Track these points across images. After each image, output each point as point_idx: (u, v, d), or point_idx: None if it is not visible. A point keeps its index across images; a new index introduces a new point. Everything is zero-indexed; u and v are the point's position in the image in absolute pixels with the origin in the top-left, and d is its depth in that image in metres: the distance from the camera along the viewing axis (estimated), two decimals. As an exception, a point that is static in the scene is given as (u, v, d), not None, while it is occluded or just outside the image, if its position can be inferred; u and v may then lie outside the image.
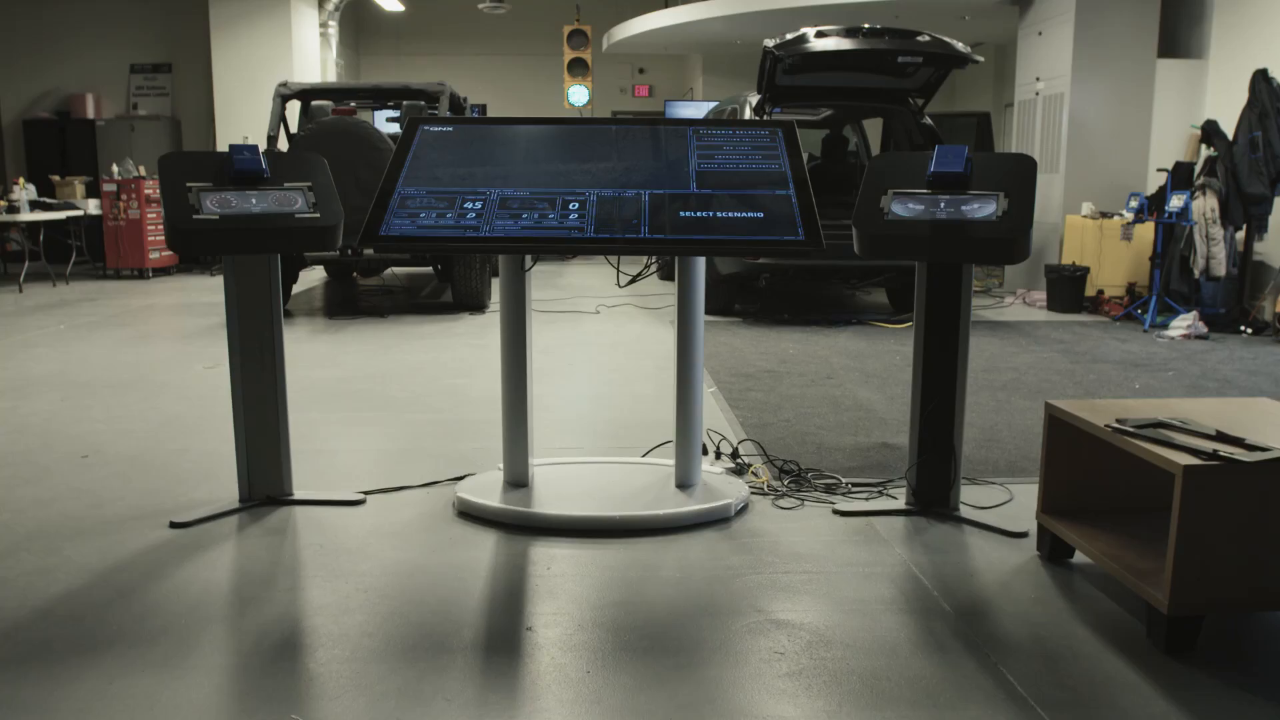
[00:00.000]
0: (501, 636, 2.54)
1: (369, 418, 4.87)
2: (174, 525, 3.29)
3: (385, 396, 5.29)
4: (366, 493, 3.63)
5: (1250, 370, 6.17)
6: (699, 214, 3.23)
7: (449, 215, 3.23)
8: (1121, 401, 2.98)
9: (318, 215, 3.27)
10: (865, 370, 5.94)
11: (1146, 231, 8.41)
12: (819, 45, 6.96)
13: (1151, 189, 9.07)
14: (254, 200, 3.23)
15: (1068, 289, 8.71)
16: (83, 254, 11.44)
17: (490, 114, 16.04)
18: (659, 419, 4.70)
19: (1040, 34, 9.82)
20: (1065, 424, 2.95)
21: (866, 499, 3.61)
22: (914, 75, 7.64)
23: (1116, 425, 2.66)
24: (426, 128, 3.66)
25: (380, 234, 3.17)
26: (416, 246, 3.16)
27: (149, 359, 6.30)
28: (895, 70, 7.43)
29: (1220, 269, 7.78)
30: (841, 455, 4.14)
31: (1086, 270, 8.71)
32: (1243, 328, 7.63)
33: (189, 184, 3.20)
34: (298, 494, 3.56)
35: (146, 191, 11.13)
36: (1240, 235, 7.95)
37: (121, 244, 11.16)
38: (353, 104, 9.33)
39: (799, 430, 4.55)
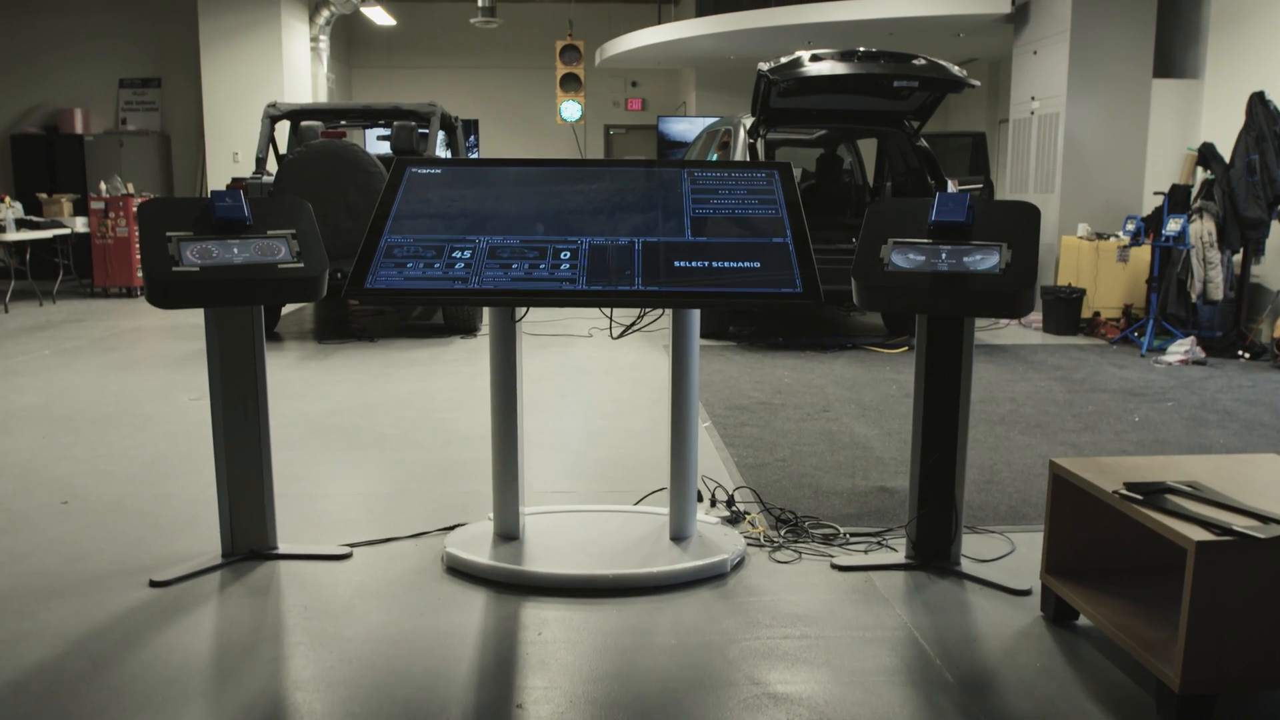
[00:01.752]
0: (491, 714, 2.45)
1: (356, 457, 4.78)
2: (154, 584, 3.19)
3: (373, 432, 5.19)
4: (353, 545, 3.54)
5: (1249, 400, 6.11)
6: (694, 264, 3.15)
7: (437, 265, 3.14)
8: (1128, 460, 2.90)
9: (301, 265, 3.18)
10: (861, 402, 5.86)
11: (1143, 253, 8.36)
12: (814, 70, 6.89)
13: (1147, 210, 9.02)
14: (236, 250, 3.14)
15: (1064, 311, 8.65)
16: (70, 272, 11.32)
17: (482, 129, 15.96)
18: (653, 458, 4.62)
19: (1035, 53, 9.77)
20: (1071, 485, 2.87)
21: (865, 551, 3.52)
22: (909, 98, 7.57)
23: (1125, 493, 2.58)
24: (414, 170, 3.58)
25: (366, 286, 3.08)
26: (403, 299, 3.07)
27: (134, 389, 6.20)
28: (890, 93, 7.37)
29: (1218, 293, 7.72)
30: (839, 501, 4.06)
31: (1083, 292, 8.65)
32: (1240, 352, 7.57)
33: (169, 233, 3.10)
34: (282, 547, 3.46)
35: (135, 209, 11.02)
36: (1237, 258, 7.90)
37: (109, 262, 11.05)
38: (342, 123, 9.26)
39: (795, 471, 4.47)
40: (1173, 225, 7.62)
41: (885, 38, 11.43)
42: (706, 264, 3.15)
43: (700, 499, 3.85)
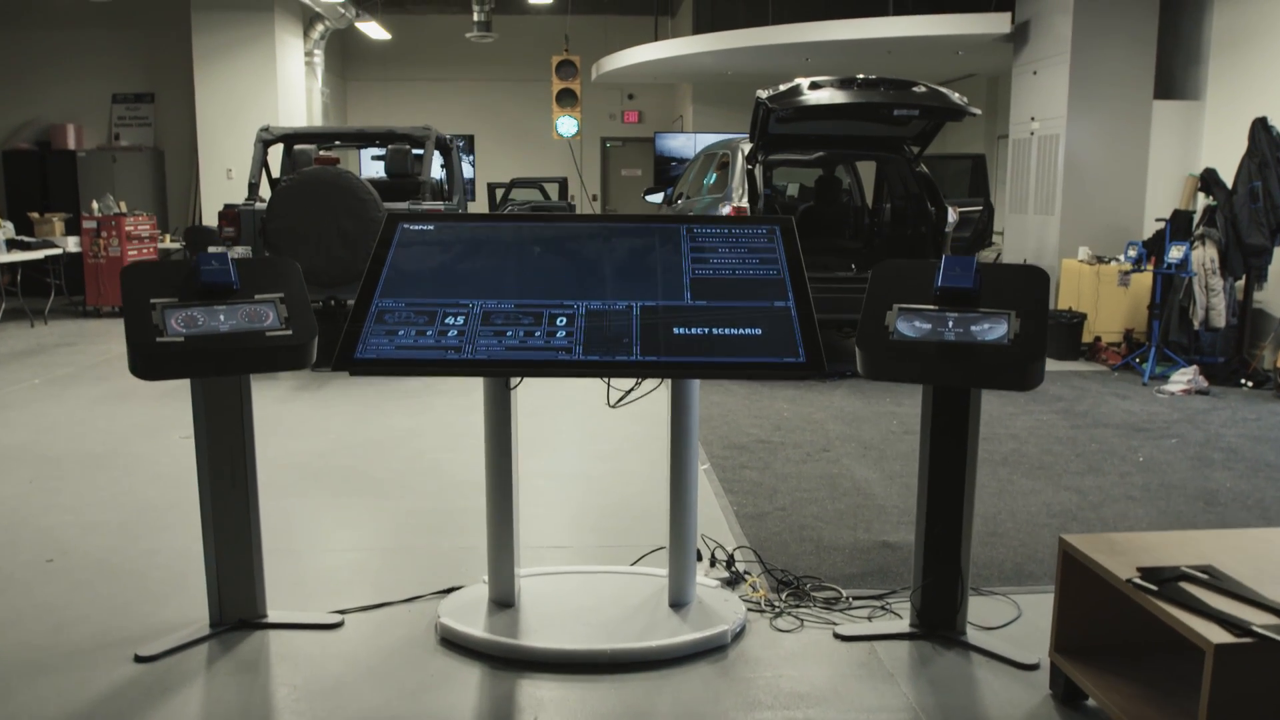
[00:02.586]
0: (484, 817, 2.36)
1: (349, 505, 4.69)
2: (139, 659, 3.11)
3: (367, 476, 5.11)
4: (344, 611, 3.45)
5: (1254, 435, 6.03)
6: (693, 331, 3.07)
7: (429, 333, 3.06)
8: (1139, 538, 2.83)
9: (290, 332, 3.10)
10: (862, 440, 5.78)
11: (1144, 278, 8.29)
12: (813, 98, 6.81)
13: (1148, 233, 8.96)
14: (222, 317, 3.05)
15: (1064, 335, 8.57)
16: (61, 291, 11.22)
17: (478, 143, 15.85)
18: (651, 506, 4.53)
19: (1035, 73, 9.71)
20: (1081, 565, 2.79)
21: (869, 616, 3.44)
22: (909, 125, 7.50)
23: (1139, 582, 2.50)
24: (406, 225, 3.50)
25: (356, 357, 3.00)
26: (394, 370, 2.99)
27: (124, 424, 6.10)
28: (890, 119, 7.30)
29: (1220, 320, 7.65)
30: (840, 558, 3.98)
31: (1083, 317, 8.58)
32: (1243, 380, 7.51)
33: (153, 300, 3.02)
34: (271, 615, 3.38)
35: (127, 229, 10.94)
36: (1239, 284, 7.83)
37: (102, 282, 10.96)
38: (336, 143, 9.18)
39: (796, 522, 4.38)
40: (1175, 253, 7.55)
41: (884, 55, 11.37)
42: (706, 331, 3.07)
43: (700, 557, 3.78)
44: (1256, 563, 2.64)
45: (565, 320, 3.10)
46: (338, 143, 9.28)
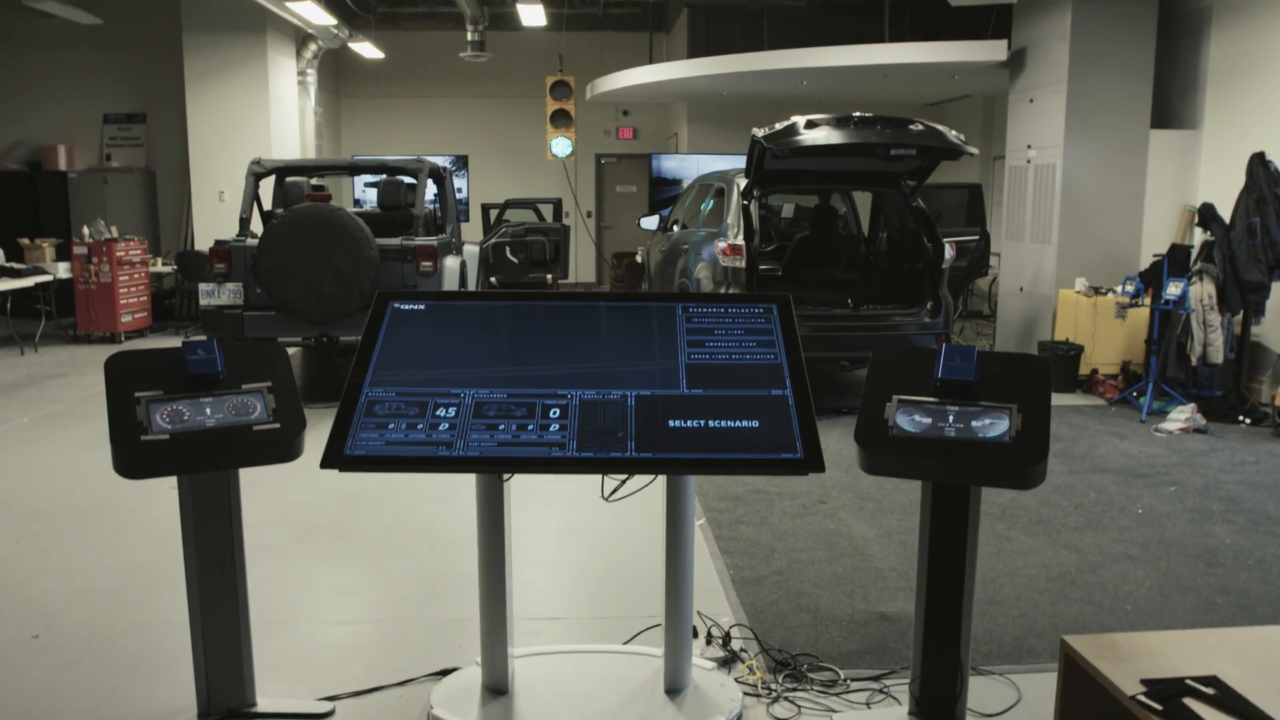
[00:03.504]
0: None
1: (340, 569, 4.63)
2: (124, 757, 3.05)
3: (358, 534, 5.05)
4: (336, 697, 3.39)
5: (1253, 481, 5.99)
6: (689, 424, 3.01)
7: (420, 426, 3.00)
8: (1143, 640, 2.78)
9: (277, 425, 3.04)
10: (859, 490, 5.73)
11: (1141, 311, 8.25)
12: (809, 138, 6.77)
13: (1145, 261, 8.92)
14: (209, 410, 2.99)
15: (1062, 368, 8.53)
16: (51, 315, 11.13)
17: (472, 161, 15.75)
18: (648, 567, 4.46)
19: (1031, 101, 9.67)
20: (1083, 670, 2.74)
21: (867, 703, 3.39)
22: (905, 161, 7.46)
23: (1144, 700, 2.45)
24: (397, 305, 3.44)
25: (345, 454, 2.94)
26: (385, 467, 2.93)
27: (113, 471, 6.02)
28: (886, 155, 7.25)
29: (1218, 355, 7.62)
30: (838, 632, 3.93)
31: (1080, 349, 8.55)
32: (1241, 417, 7.47)
33: (138, 394, 2.96)
34: (261, 703, 3.31)
35: (118, 254, 10.86)
36: (1237, 319, 7.80)
37: (93, 308, 10.89)
38: (325, 175, 9.11)
39: (793, 588, 4.34)
40: (1173, 289, 7.51)
41: (879, 79, 11.32)
42: (702, 424, 3.02)
43: (696, 633, 3.72)
44: (1261, 672, 2.59)
45: (559, 412, 3.04)
46: (325, 174, 9.21)
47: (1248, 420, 7.44)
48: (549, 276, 13.49)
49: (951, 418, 2.95)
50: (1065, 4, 9.01)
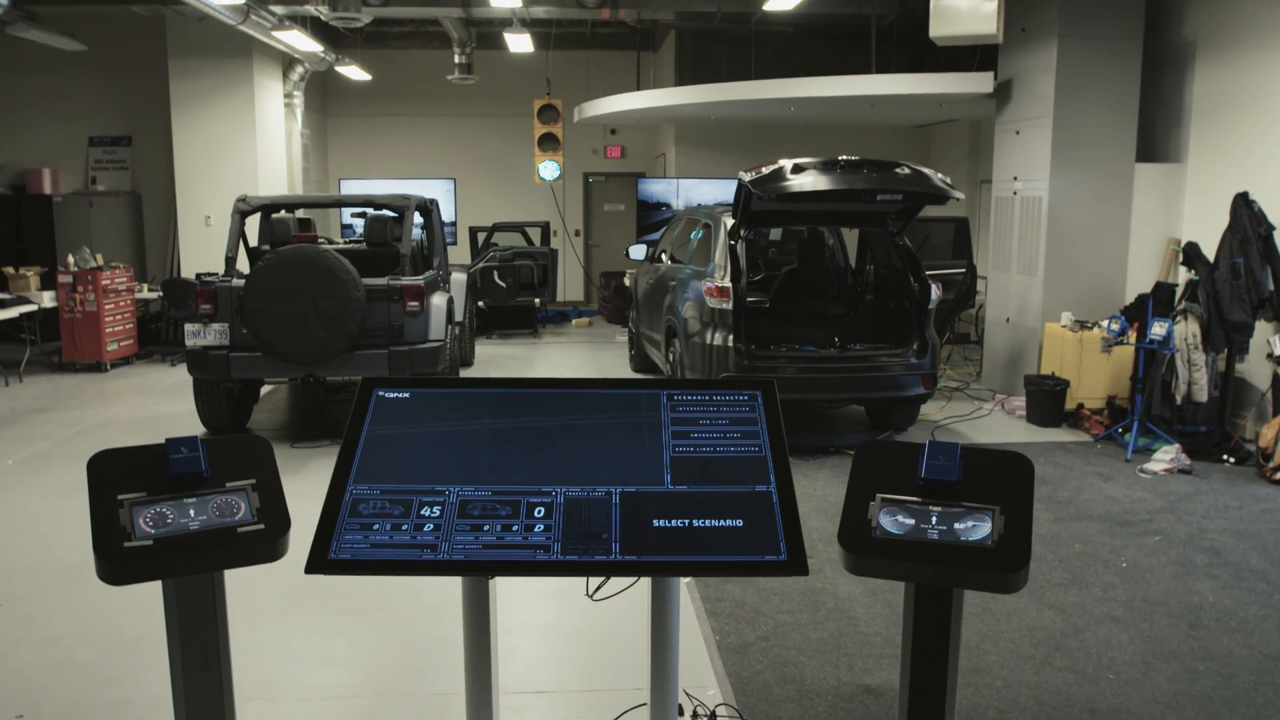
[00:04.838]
0: None
1: (325, 633, 4.62)
2: None
3: (343, 595, 5.04)
4: (319, 787, 3.39)
5: (1237, 530, 6.02)
6: (674, 523, 3.02)
7: (405, 527, 3.00)
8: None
9: (261, 526, 3.03)
10: (845, 542, 5.74)
11: (1126, 348, 8.29)
12: (796, 184, 6.78)
13: (1130, 295, 8.97)
14: (193, 512, 2.98)
15: (1047, 402, 8.58)
16: (35, 343, 11.07)
17: (460, 186, 15.70)
18: (634, 638, 4.46)
19: (1018, 133, 9.70)
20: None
21: (852, 790, 3.40)
22: (891, 203, 7.48)
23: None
24: (381, 393, 3.44)
25: (329, 558, 2.94)
26: (370, 570, 2.93)
27: (98, 525, 6.01)
28: (872, 200, 7.28)
29: (1202, 394, 7.66)
30: (823, 705, 3.94)
31: (1066, 384, 8.58)
32: (1226, 456, 7.51)
33: (120, 496, 2.95)
34: (244, 795, 3.31)
35: (104, 283, 10.82)
36: (1221, 356, 7.84)
37: (78, 337, 10.84)
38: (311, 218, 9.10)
39: (779, 656, 4.35)
40: (1158, 329, 7.55)
41: (866, 109, 11.36)
42: (686, 523, 3.02)
43: (681, 712, 3.73)
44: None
45: (543, 511, 3.04)
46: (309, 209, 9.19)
47: (1232, 459, 7.48)
48: (537, 300, 13.50)
49: (934, 519, 2.95)
50: (1051, 38, 9.05)
